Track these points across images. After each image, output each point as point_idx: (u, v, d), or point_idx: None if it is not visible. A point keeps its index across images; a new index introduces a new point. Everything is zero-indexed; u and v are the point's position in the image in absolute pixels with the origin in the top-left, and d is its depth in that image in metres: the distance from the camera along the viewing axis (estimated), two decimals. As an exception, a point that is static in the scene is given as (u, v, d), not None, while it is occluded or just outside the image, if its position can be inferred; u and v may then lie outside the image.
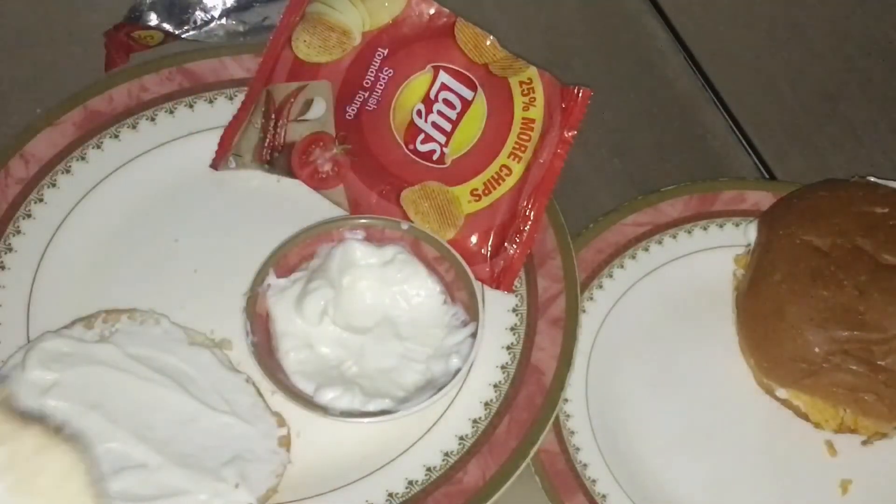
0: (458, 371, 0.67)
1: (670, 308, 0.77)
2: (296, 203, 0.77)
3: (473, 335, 0.68)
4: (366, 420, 0.66)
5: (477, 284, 0.71)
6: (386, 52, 0.76)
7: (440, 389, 0.66)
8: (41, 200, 0.75)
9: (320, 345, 0.69)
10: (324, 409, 0.65)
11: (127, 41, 0.84)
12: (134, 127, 0.79)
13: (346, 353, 0.69)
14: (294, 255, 0.72)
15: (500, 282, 0.74)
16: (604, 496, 0.69)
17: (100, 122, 0.78)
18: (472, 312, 0.69)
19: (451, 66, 0.76)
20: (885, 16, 0.96)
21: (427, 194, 0.74)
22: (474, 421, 0.69)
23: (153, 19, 0.85)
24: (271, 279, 0.71)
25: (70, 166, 0.77)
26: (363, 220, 0.73)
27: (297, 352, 0.69)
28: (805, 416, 0.72)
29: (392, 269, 0.71)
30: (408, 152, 0.74)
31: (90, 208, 0.76)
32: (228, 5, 0.87)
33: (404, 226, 0.72)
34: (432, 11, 0.77)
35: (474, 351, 0.67)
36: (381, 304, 0.71)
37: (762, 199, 0.80)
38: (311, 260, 0.72)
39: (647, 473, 0.71)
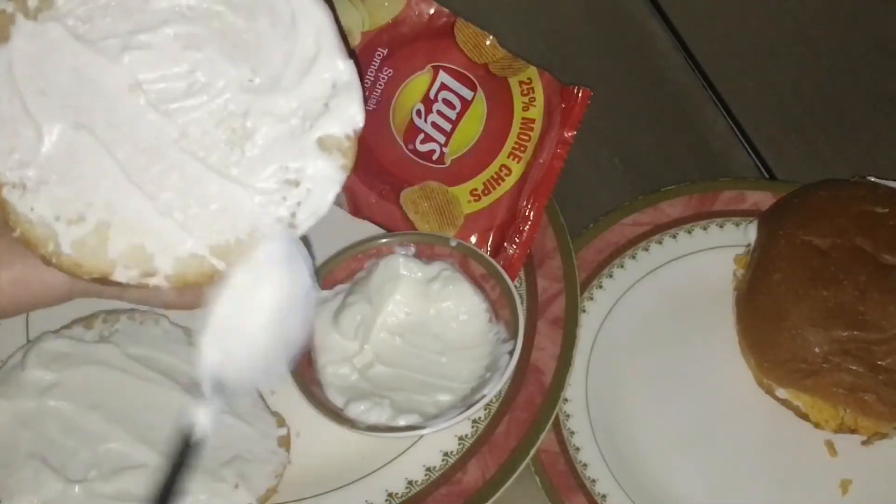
0: (491, 391, 0.65)
1: (670, 308, 0.77)
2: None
3: (511, 353, 0.67)
4: (392, 435, 0.65)
5: (519, 303, 0.69)
6: (385, 51, 0.76)
7: (471, 407, 0.64)
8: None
9: (357, 359, 0.69)
10: (351, 423, 0.65)
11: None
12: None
13: (384, 368, 0.69)
14: (342, 270, 0.72)
15: (499, 282, 0.74)
16: (604, 496, 0.69)
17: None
18: (513, 330, 0.68)
19: (450, 65, 0.76)
20: (885, 16, 0.96)
21: (427, 194, 0.74)
22: (474, 421, 0.69)
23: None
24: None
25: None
26: (414, 236, 0.73)
27: (334, 366, 0.68)
28: (805, 416, 0.72)
29: (436, 286, 0.71)
30: (407, 152, 0.74)
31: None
32: (228, 5, 0.87)
33: (453, 242, 0.72)
34: (432, 11, 0.77)
35: (509, 370, 0.66)
36: (424, 319, 0.71)
37: (762, 199, 0.80)
38: (358, 273, 0.72)
39: (647, 473, 0.71)
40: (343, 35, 0.51)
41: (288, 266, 0.49)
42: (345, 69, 0.51)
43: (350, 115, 0.51)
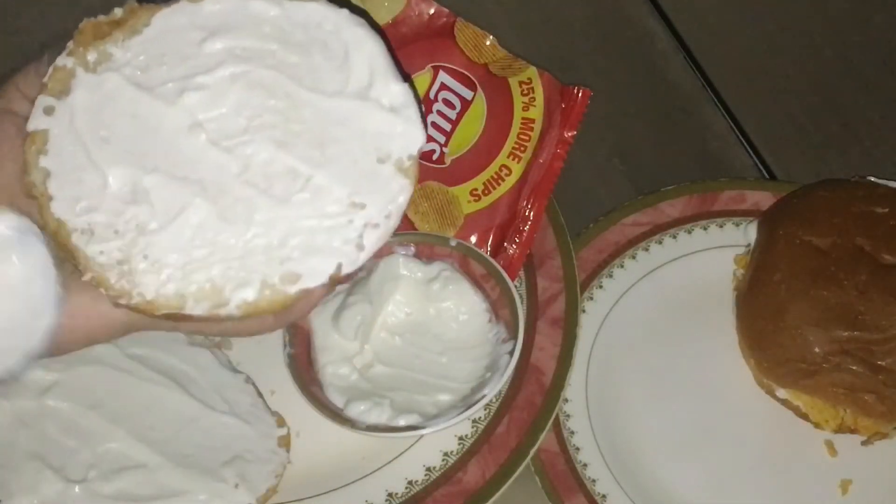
0: (491, 390, 0.66)
1: (670, 308, 0.77)
2: None
3: (511, 353, 0.67)
4: (392, 435, 0.65)
5: (519, 303, 0.69)
6: (386, 52, 0.76)
7: (471, 407, 0.65)
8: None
9: (357, 359, 0.69)
10: (351, 423, 0.65)
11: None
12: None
13: (384, 368, 0.69)
14: None
15: (499, 282, 0.74)
16: (604, 496, 0.69)
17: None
18: (513, 330, 0.68)
19: (450, 65, 0.76)
20: (884, 16, 0.96)
21: (426, 194, 0.74)
22: (474, 421, 0.69)
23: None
24: None
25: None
26: (414, 236, 0.73)
27: (334, 366, 0.68)
28: (805, 416, 0.72)
29: (436, 286, 0.71)
30: (408, 152, 0.74)
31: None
32: (228, 5, 0.87)
33: (453, 242, 0.72)
34: (432, 11, 0.76)
35: (509, 370, 0.66)
36: (424, 319, 0.71)
37: (762, 199, 0.80)
38: (358, 273, 0.72)
39: (647, 473, 0.71)
40: (396, 59, 0.52)
41: (16, 244, 0.47)
42: (400, 91, 0.52)
43: (410, 136, 0.51)
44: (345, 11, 0.51)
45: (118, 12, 0.51)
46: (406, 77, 0.52)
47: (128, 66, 0.50)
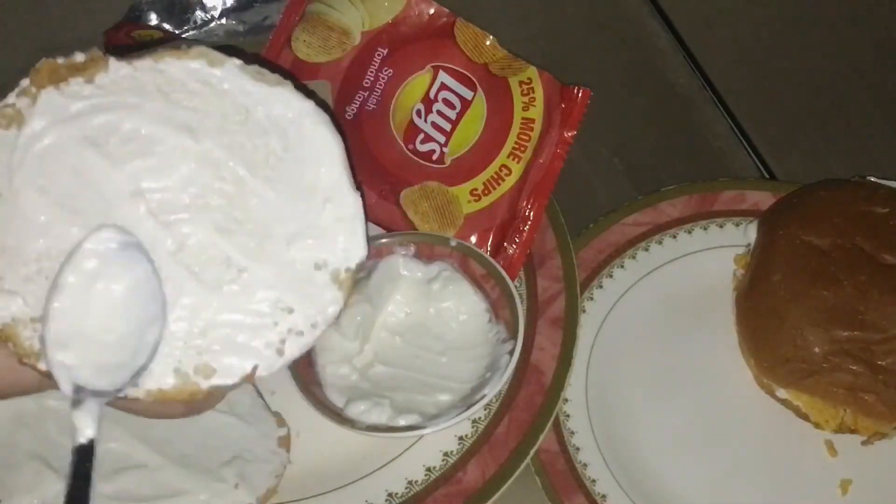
0: (491, 391, 0.66)
1: (670, 308, 0.77)
2: None
3: (511, 353, 0.67)
4: (392, 435, 0.65)
5: (519, 303, 0.69)
6: (386, 51, 0.76)
7: (471, 407, 0.65)
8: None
9: (357, 359, 0.69)
10: (351, 423, 0.65)
11: (127, 40, 0.84)
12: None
13: (384, 368, 0.69)
14: None
15: (499, 282, 0.74)
16: (604, 496, 0.69)
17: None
18: (513, 330, 0.68)
19: (450, 65, 0.76)
20: (885, 16, 0.96)
21: (427, 194, 0.74)
22: (474, 421, 0.69)
23: (153, 19, 0.86)
24: None
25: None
26: (414, 236, 0.73)
27: (334, 366, 0.68)
28: (805, 416, 0.72)
29: (436, 286, 0.71)
30: (407, 152, 0.74)
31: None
32: (228, 5, 0.87)
33: (453, 242, 0.72)
34: (432, 11, 0.77)
35: (509, 370, 0.66)
36: (424, 319, 0.71)
37: (762, 199, 0.80)
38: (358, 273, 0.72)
39: (647, 473, 0.71)
40: (352, 166, 0.50)
41: (121, 259, 0.46)
42: (350, 203, 0.49)
43: (352, 250, 0.50)
44: (310, 104, 0.49)
45: (79, 57, 0.48)
46: (358, 187, 0.50)
47: (80, 117, 0.47)
